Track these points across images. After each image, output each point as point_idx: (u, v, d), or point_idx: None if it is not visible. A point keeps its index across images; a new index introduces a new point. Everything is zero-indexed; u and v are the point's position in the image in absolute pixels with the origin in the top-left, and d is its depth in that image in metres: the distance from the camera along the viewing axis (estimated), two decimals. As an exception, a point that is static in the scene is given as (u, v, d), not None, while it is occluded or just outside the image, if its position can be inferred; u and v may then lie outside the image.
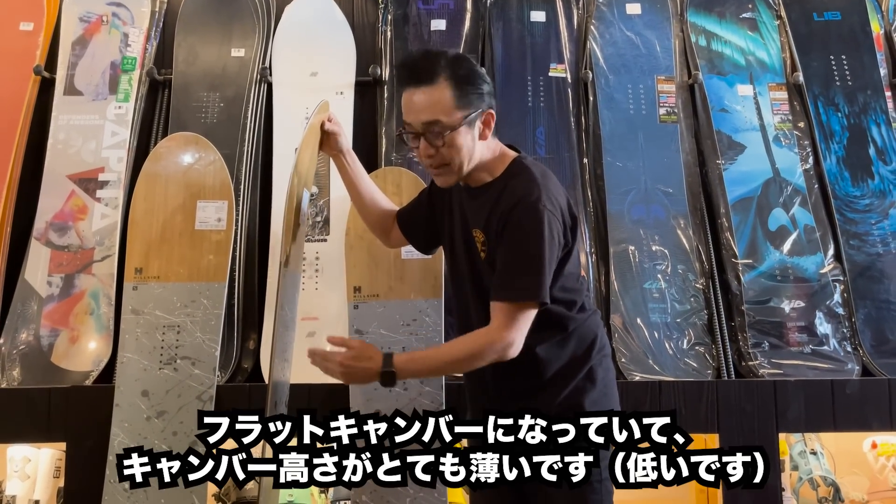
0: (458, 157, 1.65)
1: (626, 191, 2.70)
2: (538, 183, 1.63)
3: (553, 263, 1.61)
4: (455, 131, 1.62)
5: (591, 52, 2.89)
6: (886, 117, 2.83)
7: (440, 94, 1.61)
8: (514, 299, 1.59)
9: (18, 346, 2.41)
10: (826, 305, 2.55)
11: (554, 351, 1.71)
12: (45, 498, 2.42)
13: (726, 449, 1.49)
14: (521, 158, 1.73)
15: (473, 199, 1.73)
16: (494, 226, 1.64)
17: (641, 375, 2.41)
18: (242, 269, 2.52)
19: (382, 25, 2.91)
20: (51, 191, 2.60)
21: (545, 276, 1.59)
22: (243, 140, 2.66)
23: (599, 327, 1.80)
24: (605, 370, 1.77)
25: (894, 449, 2.56)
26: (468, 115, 1.63)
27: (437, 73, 1.62)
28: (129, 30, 2.83)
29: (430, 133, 1.63)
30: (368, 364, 1.62)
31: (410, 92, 1.65)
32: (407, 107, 1.66)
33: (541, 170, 1.71)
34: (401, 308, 2.22)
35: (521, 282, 1.59)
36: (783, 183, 2.72)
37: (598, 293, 2.58)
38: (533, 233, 1.58)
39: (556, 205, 1.63)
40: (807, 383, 2.34)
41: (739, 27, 2.98)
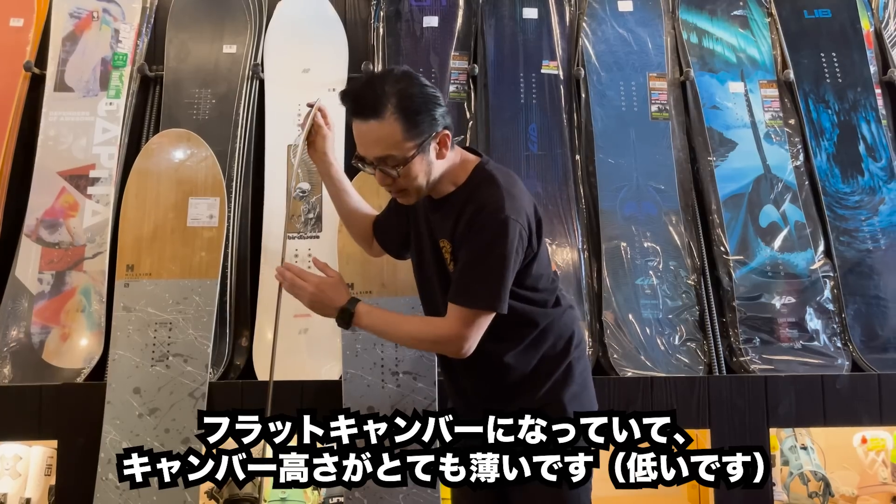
0: (415, 183, 1.62)
1: (618, 187, 2.71)
2: (502, 190, 1.60)
3: (514, 272, 1.60)
4: (409, 162, 1.58)
5: (584, 50, 2.90)
6: (876, 114, 2.84)
7: (389, 129, 1.56)
8: (471, 305, 1.59)
9: (9, 344, 2.40)
10: (816, 301, 2.56)
11: (528, 351, 1.71)
12: (36, 496, 2.41)
13: (726, 449, 1.50)
14: (483, 164, 1.69)
15: (438, 210, 1.70)
16: (459, 235, 1.63)
17: (633, 371, 2.41)
18: (235, 266, 2.51)
19: (375, 22, 2.90)
20: (41, 188, 2.58)
21: (504, 285, 1.57)
22: (235, 137, 2.66)
23: (576, 322, 1.80)
24: (584, 366, 1.78)
25: (884, 444, 2.57)
26: (421, 142, 1.58)
27: (383, 107, 1.55)
28: (119, 26, 2.82)
29: (384, 165, 1.59)
30: (335, 296, 1.68)
31: (358, 125, 1.59)
32: (357, 139, 1.62)
33: (504, 174, 1.67)
34: (393, 305, 2.22)
35: (480, 289, 1.58)
36: (774, 180, 2.74)
37: (591, 289, 2.59)
38: (496, 241, 1.56)
39: (521, 211, 1.60)
40: (797, 378, 2.35)
41: (731, 24, 2.99)
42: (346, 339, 2.21)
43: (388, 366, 2.19)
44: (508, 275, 1.58)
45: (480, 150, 2.70)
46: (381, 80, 1.59)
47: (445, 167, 1.66)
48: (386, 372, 2.19)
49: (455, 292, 1.61)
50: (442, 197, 1.69)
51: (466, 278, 1.60)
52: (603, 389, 2.21)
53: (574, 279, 2.57)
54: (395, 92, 1.56)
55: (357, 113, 1.58)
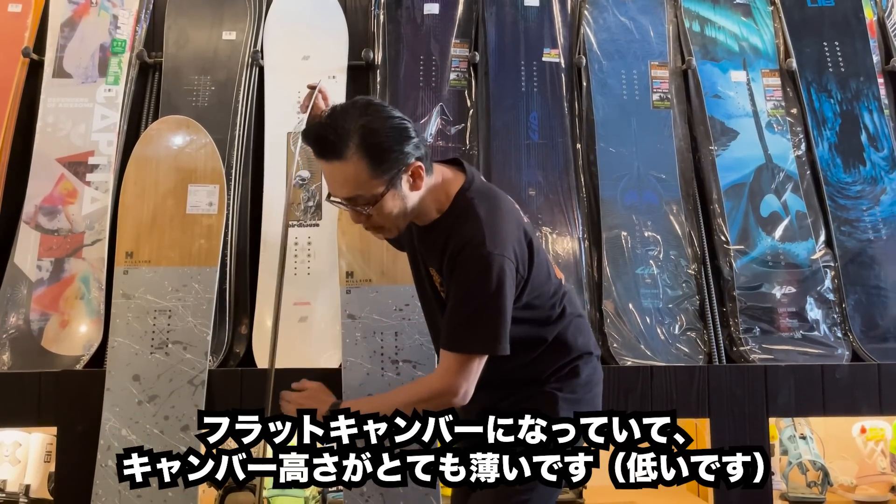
0: (390, 219, 1.56)
1: (618, 176, 2.70)
2: (482, 224, 1.52)
3: (508, 308, 1.52)
4: (380, 200, 1.51)
5: (585, 38, 2.88)
6: (879, 104, 2.83)
7: (354, 170, 1.48)
8: (461, 350, 1.53)
9: (8, 331, 2.39)
10: (817, 291, 2.56)
11: (535, 365, 1.67)
12: (35, 482, 2.41)
13: (726, 449, 1.50)
14: (464, 192, 1.59)
15: (425, 238, 1.64)
16: (445, 270, 1.58)
17: (633, 360, 2.41)
18: (234, 254, 2.50)
19: (375, 9, 2.88)
20: (40, 174, 2.57)
21: (499, 326, 1.51)
22: (235, 124, 2.65)
23: (581, 331, 1.72)
24: (593, 369, 1.72)
25: (883, 433, 2.58)
26: (391, 178, 1.50)
27: (345, 147, 1.47)
28: (118, 12, 2.80)
29: (354, 205, 1.54)
30: (318, 406, 1.61)
31: (323, 165, 1.52)
32: (326, 178, 1.56)
33: (486, 200, 1.58)
34: (393, 293, 2.22)
35: (469, 333, 1.52)
36: (775, 169, 2.73)
37: (591, 278, 2.59)
38: (481, 280, 1.49)
39: (505, 243, 1.52)
40: (797, 368, 2.35)
41: (733, 13, 2.97)
42: (346, 327, 2.21)
43: (388, 354, 2.19)
44: (502, 314, 1.51)
45: (481, 138, 2.73)
46: (343, 116, 1.50)
47: (424, 196, 1.58)
48: (385, 360, 2.19)
49: (445, 338, 1.55)
50: (428, 224, 1.62)
51: (453, 323, 1.54)
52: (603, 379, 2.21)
53: (574, 268, 2.56)
54: (357, 129, 1.47)
55: (319, 155, 1.51)
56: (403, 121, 1.53)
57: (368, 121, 1.48)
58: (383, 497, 2.08)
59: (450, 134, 2.75)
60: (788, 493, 2.47)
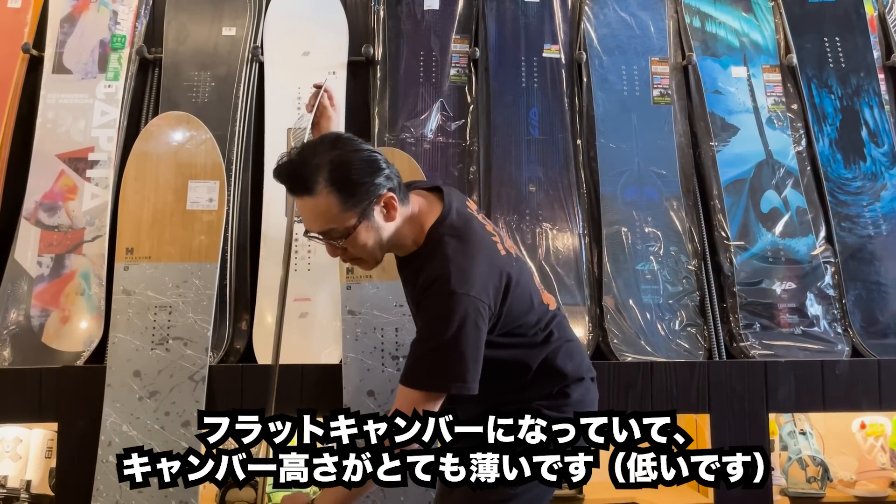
0: (366, 250, 1.58)
1: (619, 172, 2.69)
2: (449, 262, 1.52)
3: (475, 348, 1.51)
4: (353, 232, 1.53)
5: (585, 33, 2.88)
6: (879, 100, 2.83)
7: (324, 204, 1.50)
8: (415, 386, 1.52)
9: (9, 327, 2.39)
10: (817, 287, 2.56)
11: (524, 390, 1.66)
12: (36, 478, 2.41)
13: (726, 449, 1.50)
14: (437, 226, 1.59)
15: (403, 268, 1.67)
16: (414, 304, 1.60)
17: (633, 356, 2.42)
18: (234, 250, 2.50)
19: (375, 4, 2.88)
20: (40, 170, 2.57)
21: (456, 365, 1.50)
22: (235, 120, 2.64)
23: (573, 355, 1.70)
24: (585, 390, 1.70)
25: (883, 429, 2.58)
26: (363, 210, 1.52)
27: (314, 182, 1.49)
28: (118, 7, 2.79)
29: (329, 238, 1.56)
30: None
31: (297, 201, 1.55)
32: (299, 213, 1.58)
33: (457, 238, 1.57)
34: (393, 289, 2.22)
35: (428, 371, 1.52)
36: (776, 165, 2.73)
37: (591, 274, 2.59)
38: (445, 319, 1.48)
39: (472, 282, 1.51)
40: (797, 364, 2.35)
41: (734, 9, 2.97)
42: (347, 323, 2.21)
43: (388, 350, 2.19)
44: (463, 354, 1.49)
45: (481, 133, 2.72)
46: (312, 151, 1.53)
47: (400, 226, 1.60)
48: (386, 356, 2.19)
49: (403, 373, 1.54)
50: (406, 256, 1.65)
51: (413, 358, 1.54)
52: (603, 374, 2.21)
53: (574, 264, 2.56)
54: (326, 163, 1.49)
55: (291, 191, 1.55)
56: (373, 153, 1.55)
57: (337, 155, 1.51)
58: (384, 495, 2.08)
59: (450, 130, 2.75)
60: (788, 489, 2.47)
